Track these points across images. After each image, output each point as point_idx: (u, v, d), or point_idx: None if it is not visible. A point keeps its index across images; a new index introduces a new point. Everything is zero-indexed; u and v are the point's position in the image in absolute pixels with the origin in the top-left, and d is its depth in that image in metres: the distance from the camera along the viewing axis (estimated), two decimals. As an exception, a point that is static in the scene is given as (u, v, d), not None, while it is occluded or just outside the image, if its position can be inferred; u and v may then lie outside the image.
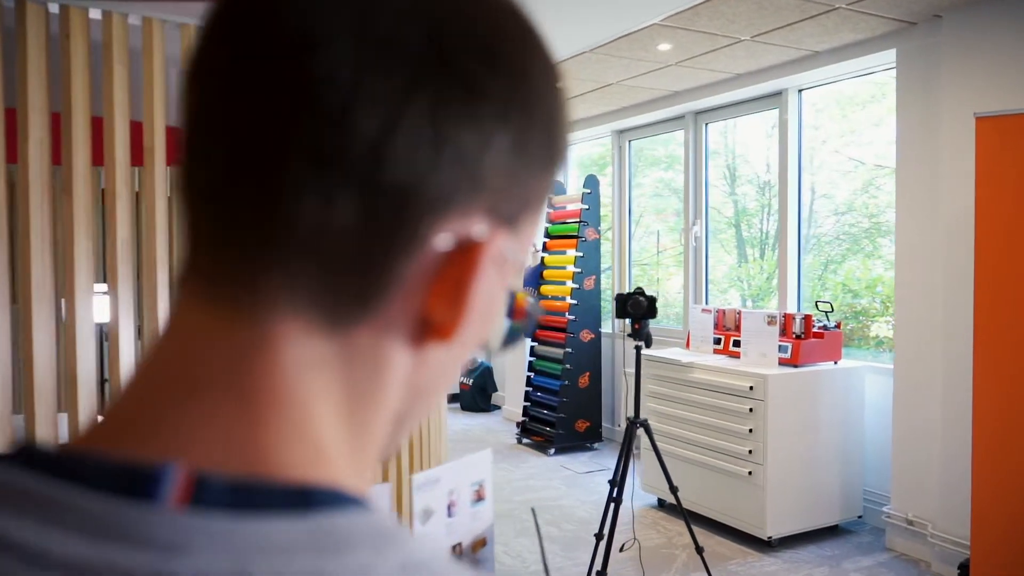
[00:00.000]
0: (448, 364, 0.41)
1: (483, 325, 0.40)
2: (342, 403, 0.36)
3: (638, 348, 3.11)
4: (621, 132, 6.35)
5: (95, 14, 2.25)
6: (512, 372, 7.23)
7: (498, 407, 7.76)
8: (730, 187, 5.79)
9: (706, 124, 5.59)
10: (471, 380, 7.84)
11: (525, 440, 6.40)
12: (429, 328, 0.37)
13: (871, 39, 4.03)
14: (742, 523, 4.15)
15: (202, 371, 0.34)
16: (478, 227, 0.37)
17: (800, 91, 4.89)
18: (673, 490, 3.23)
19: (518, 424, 6.54)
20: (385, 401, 0.38)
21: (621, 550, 3.40)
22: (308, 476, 0.33)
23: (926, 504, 3.86)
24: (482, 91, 0.36)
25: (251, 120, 0.34)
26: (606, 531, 3.14)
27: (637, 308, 3.00)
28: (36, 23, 2.14)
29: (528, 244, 0.43)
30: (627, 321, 3.18)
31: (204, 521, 0.30)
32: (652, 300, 3.03)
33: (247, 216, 0.34)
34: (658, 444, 4.63)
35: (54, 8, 2.19)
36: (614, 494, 3.14)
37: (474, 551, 1.21)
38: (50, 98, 2.18)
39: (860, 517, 4.35)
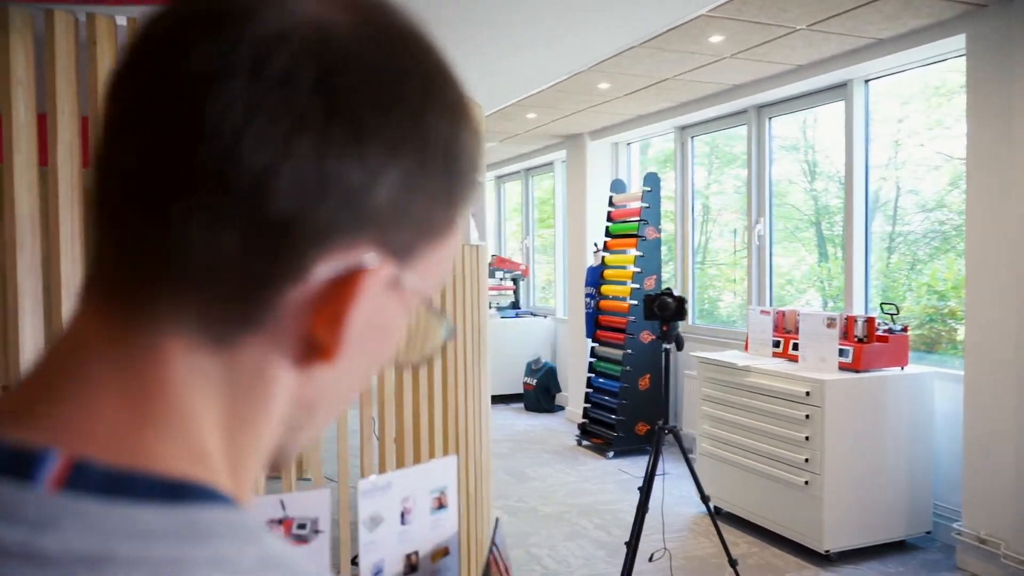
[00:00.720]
0: (340, 383, 0.43)
1: (377, 348, 0.43)
2: (225, 413, 0.39)
3: (667, 351, 3.00)
4: (683, 128, 6.19)
5: (121, 21, 2.32)
6: (575, 372, 7.16)
7: (561, 408, 7.69)
8: (810, 183, 5.57)
9: (769, 118, 5.39)
10: (535, 380, 7.80)
11: (585, 442, 6.32)
12: (313, 350, 0.40)
13: (938, 24, 3.79)
14: (798, 535, 3.97)
15: (96, 374, 0.37)
16: (362, 257, 0.39)
17: (867, 81, 4.64)
18: (704, 499, 3.11)
19: (579, 425, 6.46)
20: (269, 414, 0.41)
21: (650, 560, 3.30)
22: (184, 473, 0.36)
23: (999, 521, 3.59)
24: (370, 131, 0.37)
25: (150, 149, 0.37)
26: (634, 540, 3.04)
27: (664, 309, 2.89)
28: (64, 30, 2.21)
29: (439, 271, 0.45)
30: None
31: (75, 503, 0.33)
32: (681, 301, 2.91)
33: (140, 238, 0.37)
34: (713, 449, 4.52)
35: (82, 16, 2.27)
36: (644, 501, 3.04)
37: (433, 561, 1.16)
38: (79, 103, 2.26)
39: (929, 533, 4.09)
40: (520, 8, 3.19)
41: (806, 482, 3.88)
